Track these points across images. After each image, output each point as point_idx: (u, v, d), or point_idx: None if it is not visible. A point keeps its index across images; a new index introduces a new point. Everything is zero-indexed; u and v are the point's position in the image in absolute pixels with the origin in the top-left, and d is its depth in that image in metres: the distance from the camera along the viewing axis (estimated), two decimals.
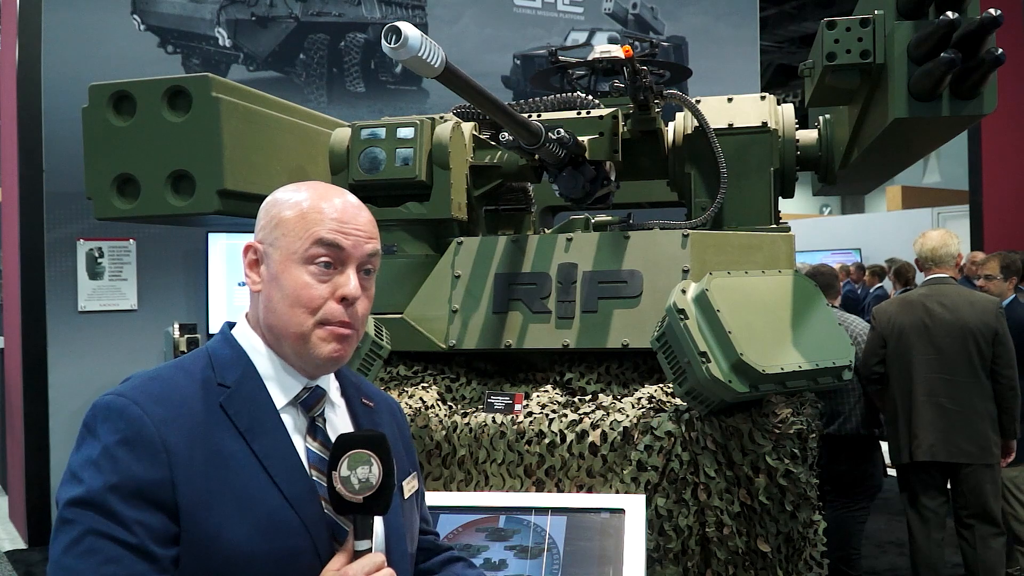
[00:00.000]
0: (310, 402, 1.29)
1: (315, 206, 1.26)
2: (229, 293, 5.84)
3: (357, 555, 1.17)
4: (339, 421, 1.34)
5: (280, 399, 1.26)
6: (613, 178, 2.90)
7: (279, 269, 1.25)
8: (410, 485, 1.40)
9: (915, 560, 4.02)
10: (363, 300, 1.28)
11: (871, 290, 9.42)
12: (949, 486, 3.96)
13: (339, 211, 1.27)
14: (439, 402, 2.65)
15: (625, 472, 2.30)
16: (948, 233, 4.11)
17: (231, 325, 1.33)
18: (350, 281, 1.25)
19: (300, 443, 1.25)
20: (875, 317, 4.08)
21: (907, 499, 4.01)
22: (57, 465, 5.58)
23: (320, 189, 1.30)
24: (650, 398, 2.46)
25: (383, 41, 1.56)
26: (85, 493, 1.09)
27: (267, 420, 1.23)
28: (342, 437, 1.19)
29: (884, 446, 4.21)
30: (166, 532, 1.11)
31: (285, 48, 6.58)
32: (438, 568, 1.49)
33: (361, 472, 1.16)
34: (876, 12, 2.36)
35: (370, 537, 1.18)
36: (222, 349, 1.28)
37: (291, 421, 1.26)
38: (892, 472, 6.49)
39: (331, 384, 1.35)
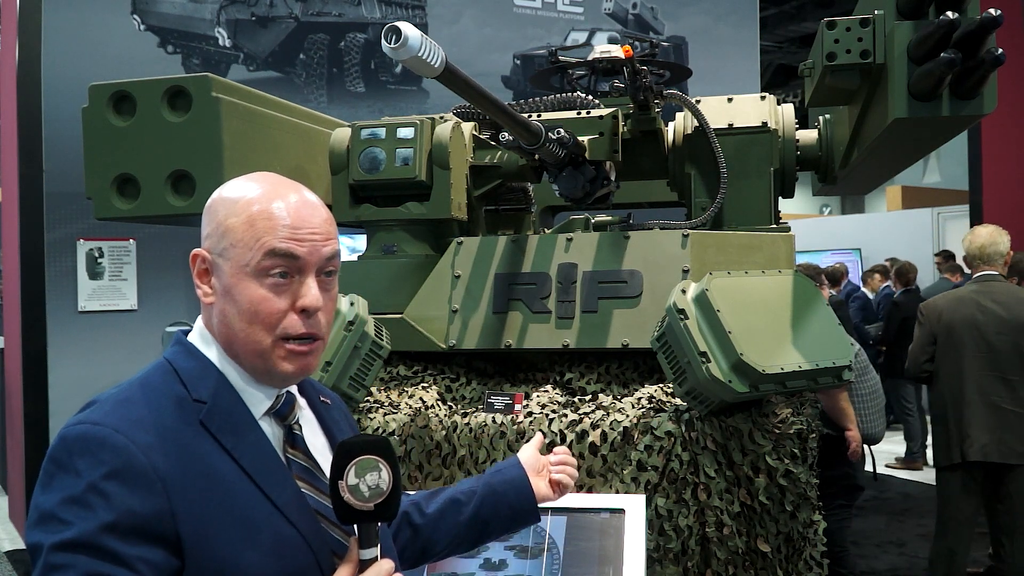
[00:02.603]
0: (284, 411, 1.23)
1: (264, 210, 1.15)
2: None
3: (364, 564, 1.11)
4: (307, 425, 1.28)
5: (255, 410, 1.19)
6: (613, 178, 2.90)
7: (231, 283, 1.15)
8: None
9: (939, 560, 3.94)
10: (327, 303, 1.20)
11: (880, 289, 9.39)
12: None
13: (291, 214, 1.16)
14: (439, 402, 2.65)
15: (625, 472, 2.30)
16: (997, 230, 4.03)
17: (185, 332, 1.24)
18: (310, 291, 1.16)
19: (280, 454, 1.20)
20: (924, 313, 3.98)
21: (944, 500, 3.92)
22: None
23: (268, 187, 1.19)
24: (650, 398, 2.46)
25: (383, 41, 1.55)
26: (77, 535, 0.99)
27: (249, 434, 1.16)
28: (345, 444, 1.13)
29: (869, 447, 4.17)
30: (169, 567, 1.04)
31: (285, 48, 6.58)
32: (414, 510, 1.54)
33: (370, 479, 1.11)
34: (876, 12, 2.36)
35: (376, 544, 1.13)
36: (186, 361, 1.18)
37: (268, 431, 1.20)
38: (893, 473, 6.50)
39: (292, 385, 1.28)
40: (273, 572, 1.10)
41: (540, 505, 1.59)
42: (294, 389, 1.29)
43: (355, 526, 1.14)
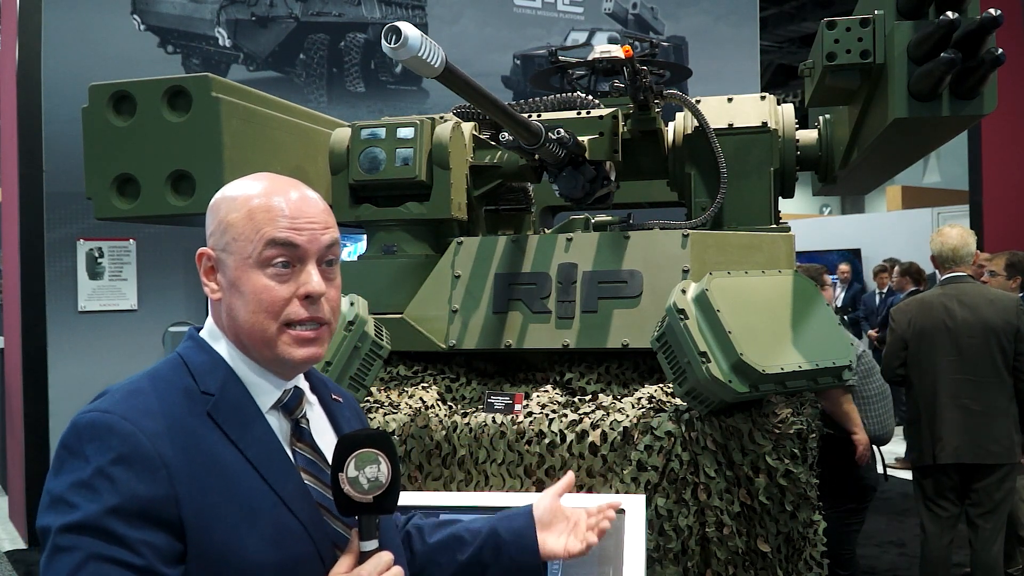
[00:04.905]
0: (291, 405, 1.25)
1: (263, 204, 1.20)
2: None
3: (364, 556, 1.14)
4: (316, 420, 1.31)
5: (262, 404, 1.22)
6: (613, 178, 2.90)
7: (236, 276, 1.19)
8: None
9: (925, 560, 3.99)
10: (331, 290, 1.24)
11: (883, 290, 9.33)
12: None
13: (289, 206, 1.20)
14: (439, 402, 2.65)
15: (625, 472, 2.30)
16: (966, 231, 4.05)
17: (198, 329, 1.28)
18: (311, 278, 1.20)
19: (286, 447, 1.22)
20: (894, 319, 4.03)
21: (922, 501, 3.97)
22: None
23: (267, 183, 1.24)
24: (650, 398, 2.46)
25: (383, 41, 1.55)
26: (83, 518, 1.03)
27: (256, 426, 1.19)
28: (345, 438, 1.16)
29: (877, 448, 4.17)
30: (172, 551, 1.07)
31: (285, 48, 6.58)
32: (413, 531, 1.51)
33: (370, 471, 1.14)
34: (876, 12, 2.36)
35: (376, 537, 1.16)
36: (197, 355, 1.22)
37: (275, 425, 1.23)
38: (894, 472, 6.51)
39: (303, 380, 1.31)
40: (273, 560, 1.12)
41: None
42: (304, 385, 1.31)
43: (356, 518, 1.17)
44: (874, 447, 4.11)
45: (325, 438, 1.30)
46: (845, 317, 7.87)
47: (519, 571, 1.49)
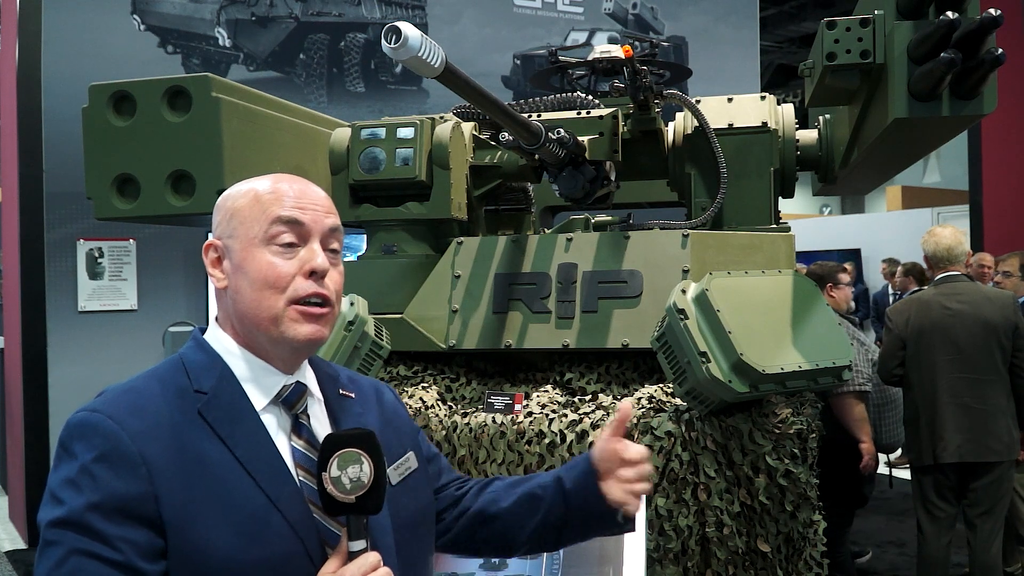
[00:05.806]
0: (291, 399, 1.26)
1: (268, 189, 1.25)
2: None
3: (352, 556, 1.14)
4: (321, 416, 1.31)
5: (260, 400, 1.23)
6: (613, 178, 2.90)
7: (242, 257, 1.22)
8: (403, 468, 1.36)
9: (922, 562, 3.98)
10: (334, 274, 1.26)
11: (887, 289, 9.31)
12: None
13: (294, 190, 1.26)
14: (439, 402, 2.65)
15: None
16: (957, 230, 4.05)
17: (202, 330, 1.30)
18: (316, 255, 1.23)
19: (284, 443, 1.22)
20: (891, 319, 4.01)
21: (920, 501, 3.95)
22: None
23: (272, 176, 1.29)
24: (650, 398, 2.46)
25: (383, 41, 1.55)
26: (66, 513, 1.07)
27: (247, 424, 1.20)
28: (330, 437, 1.16)
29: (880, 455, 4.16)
30: (152, 547, 1.09)
31: (285, 48, 6.58)
32: (477, 500, 1.49)
33: (352, 472, 1.13)
34: (876, 12, 2.36)
35: (364, 537, 1.15)
36: (195, 355, 1.25)
37: (274, 421, 1.23)
38: (894, 472, 6.52)
39: (309, 376, 1.31)
40: (255, 558, 1.12)
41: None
42: (313, 384, 1.31)
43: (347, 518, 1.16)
44: (880, 455, 4.09)
45: (323, 434, 1.29)
46: (856, 318, 7.82)
47: (596, 519, 1.43)
